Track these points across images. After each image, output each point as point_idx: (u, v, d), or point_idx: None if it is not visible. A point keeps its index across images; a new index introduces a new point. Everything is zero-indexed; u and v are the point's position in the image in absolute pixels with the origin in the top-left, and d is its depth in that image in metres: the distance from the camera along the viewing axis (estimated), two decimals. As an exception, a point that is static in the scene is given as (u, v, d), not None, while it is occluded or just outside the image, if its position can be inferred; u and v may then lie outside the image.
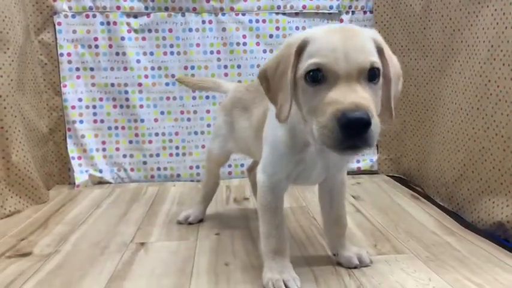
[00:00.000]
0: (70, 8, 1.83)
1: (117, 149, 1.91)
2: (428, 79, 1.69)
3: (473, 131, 1.35)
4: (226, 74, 1.92)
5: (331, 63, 0.76)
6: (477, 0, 1.36)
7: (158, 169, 1.93)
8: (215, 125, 1.35)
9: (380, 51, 0.82)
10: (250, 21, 1.91)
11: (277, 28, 1.92)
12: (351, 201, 1.57)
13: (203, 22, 1.89)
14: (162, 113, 1.92)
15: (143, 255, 1.14)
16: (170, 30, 1.88)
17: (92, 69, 1.87)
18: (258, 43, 1.92)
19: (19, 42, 1.60)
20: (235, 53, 1.92)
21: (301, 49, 0.81)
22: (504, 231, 1.20)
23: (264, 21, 1.92)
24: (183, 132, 1.94)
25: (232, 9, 1.90)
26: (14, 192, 1.54)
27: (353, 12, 1.93)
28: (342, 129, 0.72)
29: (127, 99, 1.89)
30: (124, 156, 1.92)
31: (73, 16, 1.83)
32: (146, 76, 1.89)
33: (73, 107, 1.87)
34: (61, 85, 1.85)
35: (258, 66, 1.89)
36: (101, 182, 1.89)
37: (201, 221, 1.38)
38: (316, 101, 0.77)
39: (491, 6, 1.29)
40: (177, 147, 1.94)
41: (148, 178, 1.93)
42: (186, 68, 1.91)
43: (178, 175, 1.94)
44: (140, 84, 1.89)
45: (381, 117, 0.85)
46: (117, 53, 1.86)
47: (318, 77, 0.77)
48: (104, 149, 1.91)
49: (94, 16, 1.84)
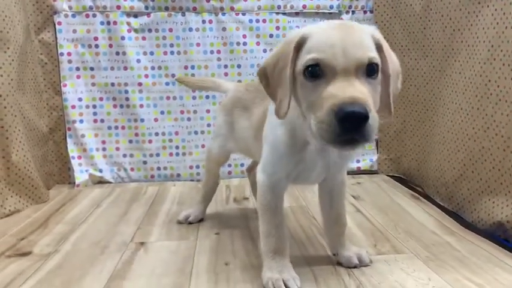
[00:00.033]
0: (70, 8, 1.83)
1: (117, 149, 1.91)
2: (428, 79, 1.69)
3: (473, 131, 1.35)
4: (226, 74, 1.92)
5: (329, 58, 0.76)
6: (477, 0, 1.36)
7: (158, 169, 1.93)
8: (215, 125, 1.35)
9: (379, 47, 0.82)
10: (250, 21, 1.91)
11: (277, 28, 1.92)
12: (351, 201, 1.57)
13: (203, 22, 1.89)
14: (162, 113, 1.92)
15: (143, 254, 1.14)
16: (170, 29, 1.88)
17: (92, 68, 1.87)
18: (258, 43, 1.92)
19: (19, 41, 1.60)
20: (235, 53, 1.92)
21: (300, 45, 0.81)
22: (504, 231, 1.20)
23: (264, 21, 1.92)
24: (183, 131, 1.94)
25: (232, 8, 1.90)
26: (14, 191, 1.54)
27: (353, 12, 1.93)
28: (339, 123, 0.72)
29: (127, 98, 1.89)
30: (124, 155, 1.92)
31: (73, 16, 1.83)
32: (146, 76, 1.89)
33: (73, 107, 1.87)
34: (61, 85, 1.85)
35: (258, 66, 1.89)
36: (101, 182, 1.90)
37: (201, 221, 1.38)
38: (314, 96, 0.78)
39: (491, 6, 1.29)
40: (177, 146, 1.94)
41: (148, 178, 1.93)
42: (186, 68, 1.91)
43: (178, 175, 1.94)
44: (140, 83, 1.89)
45: (380, 113, 0.86)
46: (117, 53, 1.86)
47: (317, 72, 0.77)
48: (104, 149, 1.91)
49: (94, 16, 1.84)
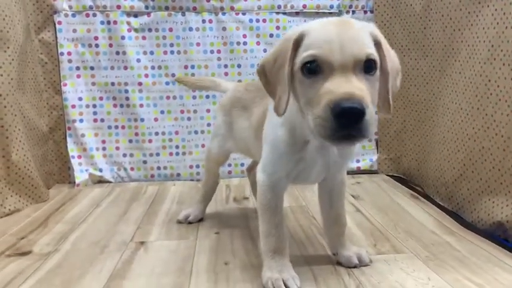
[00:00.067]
0: (70, 7, 1.83)
1: (117, 148, 1.91)
2: (428, 79, 1.69)
3: (473, 131, 1.35)
4: (226, 74, 1.92)
5: (326, 54, 0.76)
6: (477, 0, 1.36)
7: (158, 168, 1.93)
8: (214, 125, 1.35)
9: (377, 44, 0.82)
10: (250, 20, 1.91)
11: (277, 28, 1.92)
12: (351, 200, 1.57)
13: (203, 21, 1.89)
14: (162, 112, 1.92)
15: (143, 254, 1.14)
16: (170, 29, 1.88)
17: (92, 68, 1.87)
18: (259, 42, 1.92)
19: (19, 41, 1.60)
20: (235, 53, 1.92)
21: (298, 42, 0.82)
22: (504, 231, 1.20)
23: (265, 20, 1.92)
24: (183, 131, 1.94)
25: (232, 8, 1.90)
26: (14, 191, 1.54)
27: (353, 11, 1.93)
28: (336, 118, 0.72)
29: (127, 98, 1.89)
30: (124, 155, 1.92)
31: (73, 15, 1.83)
32: (146, 75, 1.89)
33: (73, 106, 1.87)
34: (61, 84, 1.85)
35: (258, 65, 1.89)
36: (101, 181, 1.90)
37: (201, 220, 1.38)
38: (312, 93, 0.78)
39: (491, 6, 1.29)
40: (177, 146, 1.94)
41: (148, 177, 1.93)
42: (186, 68, 1.91)
43: (178, 174, 1.94)
44: (140, 83, 1.89)
45: (380, 109, 0.86)
46: (117, 52, 1.86)
47: (314, 69, 0.78)
48: (104, 148, 1.91)
49: (94, 15, 1.84)
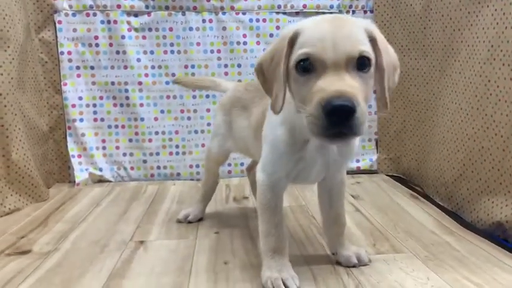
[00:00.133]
0: (70, 7, 1.83)
1: (117, 148, 1.92)
2: (428, 79, 1.69)
3: (472, 131, 1.35)
4: (226, 73, 1.92)
5: (319, 52, 0.77)
6: (477, 0, 1.36)
7: (158, 168, 1.93)
8: (214, 124, 1.35)
9: (373, 40, 0.82)
10: (250, 20, 1.91)
11: (277, 27, 1.92)
12: (351, 200, 1.57)
13: (203, 21, 1.89)
14: (162, 112, 1.92)
15: (142, 253, 1.14)
16: (170, 29, 1.88)
17: (92, 67, 1.87)
18: (259, 42, 1.92)
19: (19, 40, 1.60)
20: (235, 52, 1.92)
21: (293, 40, 0.82)
22: (503, 231, 1.20)
23: (265, 20, 1.92)
24: (183, 131, 1.94)
25: (232, 8, 1.90)
26: (14, 190, 1.55)
27: (353, 11, 1.93)
28: (327, 116, 0.73)
29: (127, 97, 1.89)
30: (124, 154, 1.92)
31: (73, 15, 1.83)
32: (146, 75, 1.89)
33: (73, 106, 1.87)
34: (61, 83, 1.85)
35: (258, 65, 1.89)
36: (101, 181, 1.90)
37: (201, 220, 1.38)
38: (305, 90, 0.78)
39: (491, 6, 1.29)
40: (177, 146, 1.94)
41: (148, 177, 1.93)
42: (186, 67, 1.91)
43: (178, 174, 1.94)
44: (140, 83, 1.89)
45: (378, 107, 0.86)
46: (117, 52, 1.87)
47: (308, 67, 0.78)
48: (104, 148, 1.91)
49: (94, 15, 1.84)
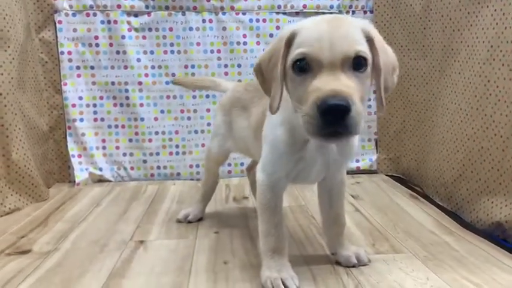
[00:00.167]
0: (71, 7, 1.83)
1: (117, 148, 1.92)
2: (428, 79, 1.69)
3: (472, 131, 1.35)
4: (226, 73, 1.92)
5: (315, 52, 0.77)
6: (477, 0, 1.36)
7: (158, 168, 1.94)
8: (214, 124, 1.35)
9: (370, 40, 0.82)
10: (250, 20, 1.91)
11: (277, 27, 1.92)
12: (350, 200, 1.57)
13: (203, 21, 1.89)
14: (162, 112, 1.92)
15: (142, 253, 1.15)
16: (170, 29, 1.88)
17: (93, 67, 1.87)
18: (259, 42, 1.92)
19: (20, 40, 1.60)
20: (235, 52, 1.92)
21: (290, 41, 0.82)
22: (502, 231, 1.20)
23: (265, 20, 1.92)
24: (183, 131, 1.94)
25: (232, 8, 1.90)
26: (14, 190, 1.55)
27: (353, 11, 1.93)
28: (322, 115, 0.73)
29: (127, 97, 1.89)
30: (124, 154, 1.92)
31: (74, 14, 1.84)
32: (146, 75, 1.90)
33: (73, 105, 1.87)
34: (61, 83, 1.86)
35: (258, 65, 1.89)
36: (101, 180, 1.90)
37: (200, 220, 1.38)
38: (301, 90, 0.79)
39: (491, 6, 1.29)
40: (177, 146, 1.94)
41: (148, 177, 1.93)
42: (186, 67, 1.91)
43: (178, 174, 1.94)
44: (140, 82, 1.89)
45: (378, 108, 0.86)
46: (117, 52, 1.87)
47: (304, 67, 0.79)
48: (104, 148, 1.91)
49: (95, 15, 1.84)
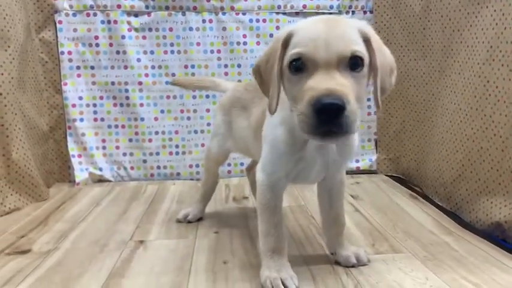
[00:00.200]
0: (71, 7, 1.83)
1: (117, 148, 1.92)
2: (427, 79, 1.69)
3: (472, 131, 1.35)
4: (226, 73, 1.92)
5: (311, 51, 0.77)
6: (477, 0, 1.36)
7: (158, 167, 1.94)
8: (214, 124, 1.35)
9: (367, 41, 0.82)
10: (250, 20, 1.91)
11: (277, 28, 1.92)
12: (350, 200, 1.57)
13: (203, 21, 1.89)
14: (162, 112, 1.92)
15: (142, 253, 1.15)
16: (170, 29, 1.89)
17: (93, 67, 1.87)
18: (259, 42, 1.93)
19: (20, 40, 1.60)
20: (235, 53, 1.92)
21: (287, 41, 0.83)
22: (502, 231, 1.20)
23: (265, 20, 1.92)
24: (183, 131, 1.94)
25: (232, 8, 1.90)
26: (14, 189, 1.55)
27: (353, 12, 1.94)
28: (316, 114, 0.73)
29: (127, 97, 1.90)
30: (124, 154, 1.92)
31: (74, 15, 1.84)
32: (146, 75, 1.90)
33: (73, 105, 1.87)
34: (61, 83, 1.86)
35: (258, 65, 1.90)
36: (101, 180, 1.90)
37: (200, 220, 1.39)
38: (297, 90, 0.80)
39: (490, 7, 1.29)
40: (177, 145, 1.94)
41: (148, 176, 1.93)
42: (186, 67, 1.91)
43: (178, 174, 1.94)
44: (140, 82, 1.90)
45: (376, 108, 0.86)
46: (117, 52, 1.87)
47: (300, 66, 0.79)
48: (104, 147, 1.91)
49: (95, 15, 1.85)
